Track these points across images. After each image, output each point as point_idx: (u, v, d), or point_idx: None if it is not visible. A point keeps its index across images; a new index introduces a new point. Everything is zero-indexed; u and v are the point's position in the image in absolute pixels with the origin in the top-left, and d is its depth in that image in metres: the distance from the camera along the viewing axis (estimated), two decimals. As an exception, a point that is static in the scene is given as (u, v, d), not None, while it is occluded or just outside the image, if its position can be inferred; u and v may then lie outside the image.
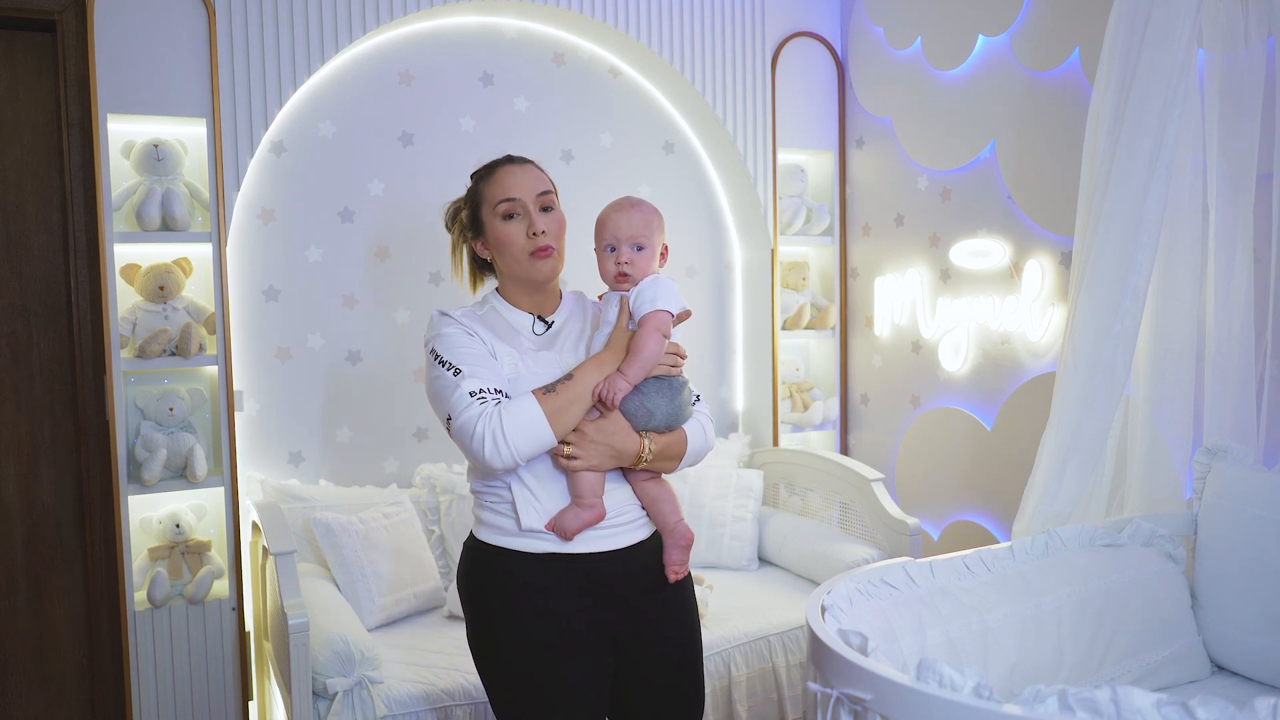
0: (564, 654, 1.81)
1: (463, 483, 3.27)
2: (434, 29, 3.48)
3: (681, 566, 1.91)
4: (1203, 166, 2.47)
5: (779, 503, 3.83)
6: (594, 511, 1.80)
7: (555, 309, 1.97)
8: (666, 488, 1.92)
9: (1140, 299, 2.34)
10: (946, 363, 3.56)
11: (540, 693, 1.81)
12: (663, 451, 1.85)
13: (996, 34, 3.27)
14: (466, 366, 1.77)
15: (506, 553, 1.83)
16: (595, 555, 1.83)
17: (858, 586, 2.00)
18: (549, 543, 1.81)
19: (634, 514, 1.89)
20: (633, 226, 1.86)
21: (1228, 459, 2.41)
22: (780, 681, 2.95)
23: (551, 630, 1.81)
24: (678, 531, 1.90)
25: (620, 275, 1.87)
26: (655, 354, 1.81)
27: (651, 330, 1.82)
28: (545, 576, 1.82)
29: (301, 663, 2.40)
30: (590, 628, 1.84)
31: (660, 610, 1.92)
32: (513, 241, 1.87)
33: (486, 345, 1.83)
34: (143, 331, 2.98)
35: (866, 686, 1.49)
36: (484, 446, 1.71)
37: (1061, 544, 2.33)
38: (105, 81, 2.89)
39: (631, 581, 1.88)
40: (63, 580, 3.13)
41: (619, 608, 1.87)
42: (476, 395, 1.74)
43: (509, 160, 1.94)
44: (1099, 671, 2.19)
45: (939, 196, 3.58)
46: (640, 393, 1.82)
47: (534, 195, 1.88)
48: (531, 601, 1.81)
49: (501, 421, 1.70)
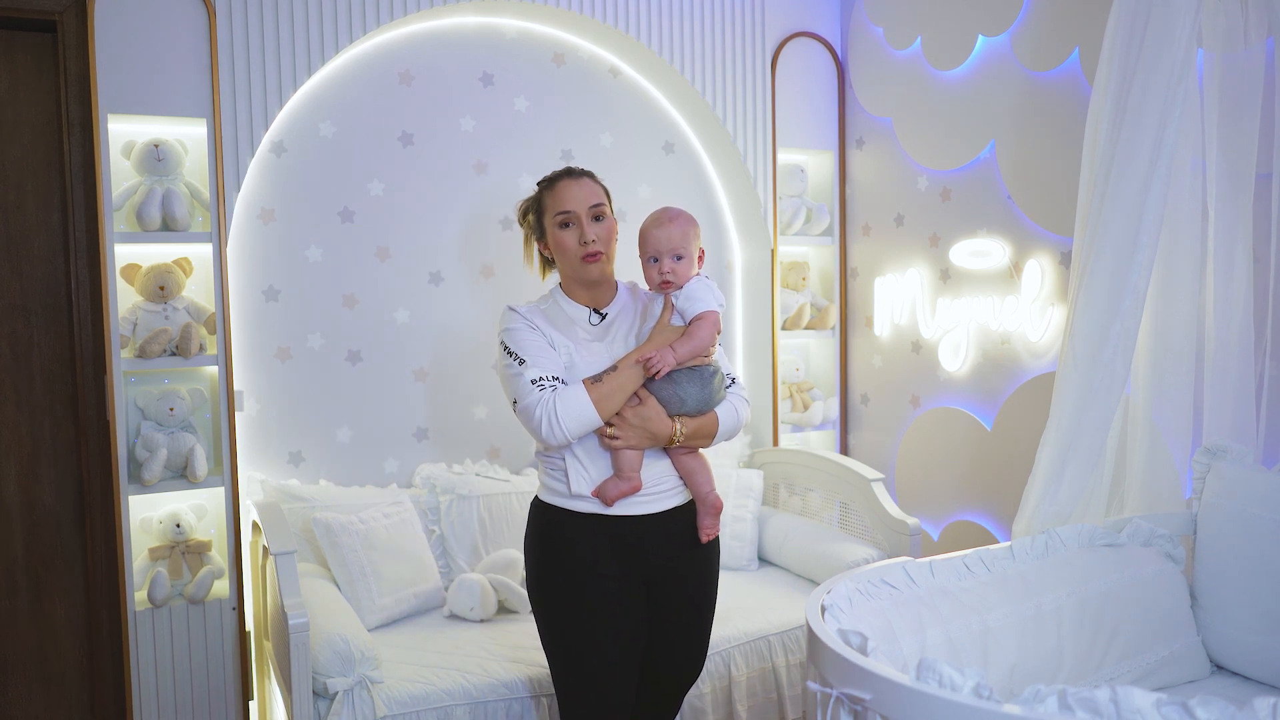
0: (603, 595, 2.12)
1: (463, 483, 3.28)
2: (434, 29, 3.48)
3: (712, 529, 2.20)
4: (1202, 167, 2.47)
5: (779, 503, 3.83)
6: (631, 484, 2.09)
7: (610, 301, 2.24)
8: (701, 461, 2.20)
9: (1140, 299, 2.34)
10: (946, 363, 3.56)
11: (584, 625, 2.12)
12: (695, 432, 2.13)
13: (996, 34, 3.27)
14: (530, 357, 2.09)
15: (560, 511, 2.16)
16: (633, 518, 2.13)
17: (858, 586, 2.00)
18: (594, 505, 2.12)
19: (670, 483, 2.18)
20: (672, 239, 2.12)
21: (1227, 459, 2.41)
22: (780, 681, 2.96)
23: (593, 576, 2.12)
24: (709, 500, 2.19)
25: (664, 283, 2.13)
26: (706, 343, 2.10)
27: (709, 324, 2.10)
28: (589, 533, 2.13)
29: (302, 663, 2.41)
30: (626, 575, 2.14)
31: (688, 567, 2.23)
32: (568, 247, 2.16)
33: (546, 337, 2.13)
34: (143, 331, 2.98)
35: (866, 686, 1.50)
36: (541, 427, 2.03)
37: (1061, 544, 2.34)
38: (106, 81, 2.89)
39: (665, 540, 2.18)
40: (63, 580, 3.13)
41: (652, 560, 2.17)
42: (537, 383, 2.05)
43: (568, 174, 2.21)
44: (1099, 671, 2.19)
45: (939, 196, 3.58)
46: (673, 382, 2.09)
47: (587, 207, 2.15)
48: (576, 552, 2.13)
49: (556, 406, 2.02)
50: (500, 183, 3.60)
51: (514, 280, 3.61)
